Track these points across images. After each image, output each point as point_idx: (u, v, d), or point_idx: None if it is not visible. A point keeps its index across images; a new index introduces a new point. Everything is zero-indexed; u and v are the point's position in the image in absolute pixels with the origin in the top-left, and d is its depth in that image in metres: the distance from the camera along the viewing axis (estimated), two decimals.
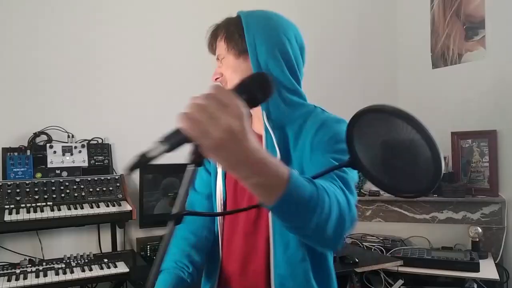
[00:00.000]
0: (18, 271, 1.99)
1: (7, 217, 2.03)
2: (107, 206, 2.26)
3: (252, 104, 0.74)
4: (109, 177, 2.41)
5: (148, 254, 2.45)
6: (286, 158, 1.15)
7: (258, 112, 1.20)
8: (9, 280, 1.88)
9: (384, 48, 3.61)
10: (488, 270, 2.57)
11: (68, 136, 2.46)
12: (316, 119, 1.14)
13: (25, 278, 1.92)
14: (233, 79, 1.21)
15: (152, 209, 2.56)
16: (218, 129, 0.63)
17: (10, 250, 2.31)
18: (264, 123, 1.17)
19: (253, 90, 0.76)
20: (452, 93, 3.25)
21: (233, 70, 1.22)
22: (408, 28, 3.57)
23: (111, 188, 2.37)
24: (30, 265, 2.06)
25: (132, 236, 2.64)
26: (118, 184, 2.40)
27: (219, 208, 1.25)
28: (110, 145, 2.56)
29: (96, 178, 2.37)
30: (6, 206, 2.11)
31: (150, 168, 2.57)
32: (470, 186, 3.03)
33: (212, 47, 1.30)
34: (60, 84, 2.50)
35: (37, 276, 1.94)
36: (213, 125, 0.63)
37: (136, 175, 2.56)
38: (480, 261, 2.58)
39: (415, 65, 3.52)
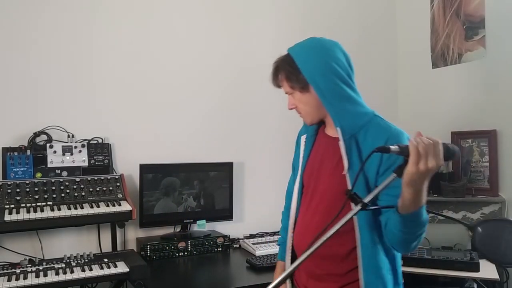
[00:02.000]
0: (18, 271, 1.99)
1: (7, 217, 2.03)
2: (107, 206, 2.26)
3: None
4: (109, 177, 2.41)
5: (148, 254, 2.45)
6: (356, 163, 1.36)
7: (331, 121, 1.44)
8: (9, 280, 1.88)
9: (384, 48, 3.61)
10: (488, 270, 2.56)
11: (68, 136, 2.46)
12: (380, 131, 1.37)
13: (25, 278, 1.92)
14: (306, 110, 1.46)
15: (152, 209, 2.56)
16: (436, 163, 1.07)
17: (10, 250, 2.32)
18: (341, 136, 1.39)
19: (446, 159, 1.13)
20: (452, 93, 3.25)
21: (304, 103, 1.45)
22: (408, 28, 3.57)
23: (111, 188, 2.37)
24: (30, 265, 2.06)
25: (132, 236, 2.64)
26: (118, 184, 2.40)
27: (297, 185, 1.56)
28: (110, 145, 2.57)
29: (96, 178, 2.37)
30: (6, 206, 2.11)
31: (150, 168, 2.57)
32: (470, 186, 3.02)
33: (277, 85, 1.50)
34: (60, 84, 2.51)
35: (37, 276, 1.94)
36: (435, 159, 1.07)
37: (136, 175, 2.57)
38: (480, 261, 2.58)
39: (415, 65, 3.52)
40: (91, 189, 2.33)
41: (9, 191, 2.16)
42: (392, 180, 1.11)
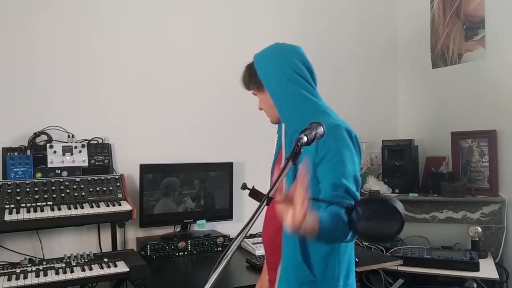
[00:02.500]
0: (18, 270, 1.99)
1: (7, 217, 2.03)
2: (107, 206, 2.26)
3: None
4: (109, 177, 2.41)
5: (148, 254, 2.45)
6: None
7: None
8: (9, 280, 1.88)
9: (384, 48, 3.62)
10: (487, 269, 2.57)
11: (68, 136, 2.46)
12: None
13: (25, 277, 1.92)
14: (267, 110, 1.58)
15: (152, 209, 2.56)
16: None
17: (10, 250, 2.32)
18: (284, 132, 1.49)
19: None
20: (452, 93, 3.25)
21: (263, 103, 1.58)
22: (408, 28, 3.58)
23: (111, 188, 2.37)
24: (30, 265, 2.06)
25: (132, 235, 2.64)
26: (118, 184, 2.40)
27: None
28: (110, 145, 2.57)
29: (96, 178, 2.37)
30: (6, 206, 2.11)
31: (150, 168, 2.57)
32: (470, 186, 3.03)
33: (247, 88, 1.64)
34: (60, 84, 2.51)
35: (37, 276, 1.94)
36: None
37: (136, 175, 2.57)
38: (480, 260, 2.58)
39: (415, 65, 3.53)
40: (91, 189, 2.33)
41: (9, 191, 2.16)
42: (288, 167, 1.07)
